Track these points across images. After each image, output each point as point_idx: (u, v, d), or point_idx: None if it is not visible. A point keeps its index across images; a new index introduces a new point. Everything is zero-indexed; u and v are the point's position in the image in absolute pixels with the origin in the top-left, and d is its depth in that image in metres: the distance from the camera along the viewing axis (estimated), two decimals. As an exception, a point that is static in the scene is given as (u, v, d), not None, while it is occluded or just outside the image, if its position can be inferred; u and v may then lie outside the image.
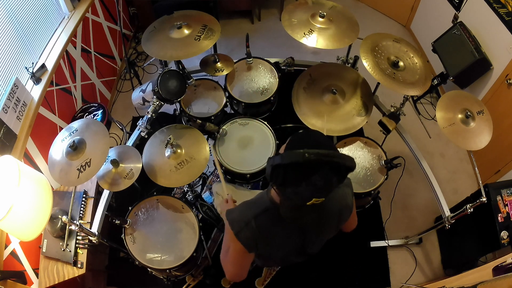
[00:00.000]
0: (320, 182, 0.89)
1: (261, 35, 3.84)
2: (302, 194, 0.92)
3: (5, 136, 1.81)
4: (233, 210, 1.19)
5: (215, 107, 2.29)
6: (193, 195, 2.28)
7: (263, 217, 1.10)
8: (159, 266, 1.82)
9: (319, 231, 1.19)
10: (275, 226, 1.12)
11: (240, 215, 1.14)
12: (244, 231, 1.10)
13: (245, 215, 1.13)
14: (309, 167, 0.88)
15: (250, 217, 1.11)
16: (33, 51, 2.27)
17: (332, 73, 2.25)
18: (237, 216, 1.15)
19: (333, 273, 2.41)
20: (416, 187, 2.80)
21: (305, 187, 0.90)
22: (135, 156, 1.85)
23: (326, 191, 0.93)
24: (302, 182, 0.90)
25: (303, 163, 0.87)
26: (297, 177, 0.90)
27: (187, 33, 2.05)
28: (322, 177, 0.88)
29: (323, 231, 1.21)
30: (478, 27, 2.63)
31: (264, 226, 1.11)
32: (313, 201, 0.93)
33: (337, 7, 2.20)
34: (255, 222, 1.10)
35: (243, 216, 1.13)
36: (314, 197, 0.92)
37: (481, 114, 1.87)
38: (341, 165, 0.90)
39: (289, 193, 0.95)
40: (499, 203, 1.99)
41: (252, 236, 1.11)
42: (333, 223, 1.20)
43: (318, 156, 0.86)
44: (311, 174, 0.88)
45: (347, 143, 2.19)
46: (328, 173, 0.89)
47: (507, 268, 1.58)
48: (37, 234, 1.38)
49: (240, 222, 1.12)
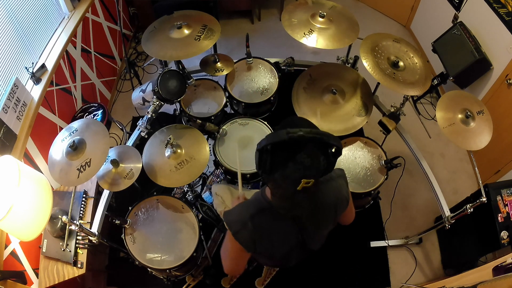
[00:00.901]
0: (307, 160, 0.90)
1: (261, 35, 3.84)
2: (290, 176, 0.92)
3: (5, 136, 1.81)
4: (230, 211, 1.21)
5: (215, 107, 2.29)
6: (193, 195, 2.28)
7: (259, 217, 1.12)
8: (159, 266, 1.82)
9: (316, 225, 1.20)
10: (272, 225, 1.13)
11: (237, 216, 1.16)
12: (242, 231, 1.12)
13: (241, 216, 1.14)
14: (293, 145, 0.90)
15: (247, 217, 1.12)
16: (33, 51, 2.27)
17: (332, 73, 2.25)
18: (234, 217, 1.16)
19: (333, 273, 2.41)
20: (416, 187, 2.80)
21: (293, 167, 0.90)
22: (135, 156, 1.85)
23: (314, 170, 0.92)
24: (288, 162, 0.91)
25: (287, 140, 0.88)
26: (283, 158, 0.91)
27: (187, 33, 2.05)
28: (308, 154, 0.90)
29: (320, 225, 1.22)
30: (478, 27, 2.63)
31: (261, 225, 1.12)
32: (303, 184, 0.92)
33: (337, 7, 2.20)
34: (251, 223, 1.11)
35: (240, 217, 1.14)
36: (303, 177, 0.91)
37: (481, 114, 1.87)
38: (325, 142, 0.92)
39: (278, 179, 0.95)
40: (499, 203, 1.99)
41: (250, 236, 1.12)
42: (330, 216, 1.21)
43: (301, 133, 0.88)
44: (296, 152, 0.90)
45: (347, 143, 2.19)
46: (313, 150, 0.91)
47: (507, 268, 1.58)
48: (37, 234, 1.38)
49: (237, 223, 1.13)
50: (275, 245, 1.17)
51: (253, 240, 1.13)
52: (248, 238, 1.12)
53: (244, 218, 1.12)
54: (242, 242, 1.13)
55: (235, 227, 1.13)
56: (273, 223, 1.13)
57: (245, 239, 1.12)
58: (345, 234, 2.18)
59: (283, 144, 0.91)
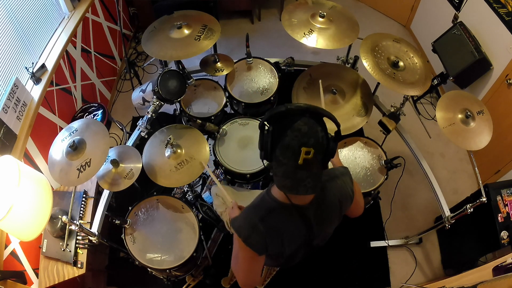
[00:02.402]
0: (304, 127, 0.94)
1: (261, 35, 3.84)
2: (290, 146, 0.94)
3: (5, 136, 1.81)
4: (237, 218, 1.18)
5: (215, 107, 2.29)
6: (193, 195, 2.28)
7: (268, 218, 1.10)
8: (159, 266, 1.82)
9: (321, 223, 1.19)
10: (282, 224, 1.12)
11: (246, 221, 1.14)
12: (253, 235, 1.10)
13: (250, 219, 1.12)
14: (290, 115, 0.97)
15: (256, 220, 1.10)
16: (33, 51, 2.27)
17: (332, 73, 2.25)
18: (242, 223, 1.14)
19: (333, 273, 2.41)
20: (416, 187, 2.80)
21: (291, 134, 0.94)
22: (135, 156, 1.85)
23: (312, 138, 0.94)
24: (287, 130, 0.95)
25: (285, 111, 0.96)
26: (282, 128, 0.96)
27: (187, 33, 2.05)
28: (304, 122, 0.95)
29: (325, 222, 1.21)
30: (478, 27, 2.63)
31: (271, 226, 1.11)
32: (303, 155, 0.93)
33: (337, 7, 2.20)
34: (262, 225, 1.09)
35: (249, 221, 1.12)
36: (302, 144, 0.93)
37: (481, 114, 1.87)
38: (320, 113, 0.98)
39: (279, 154, 0.97)
40: (499, 203, 1.99)
41: (261, 239, 1.10)
42: (335, 213, 1.21)
43: (298, 104, 0.97)
44: (294, 121, 0.95)
45: (347, 143, 2.19)
46: (310, 120, 0.96)
47: (507, 268, 1.58)
48: (37, 234, 1.38)
49: (247, 228, 1.11)
50: (285, 244, 1.16)
51: (264, 242, 1.11)
52: (260, 241, 1.10)
53: (253, 221, 1.10)
54: (254, 246, 1.10)
55: (244, 232, 1.11)
56: (283, 222, 1.12)
57: (257, 242, 1.10)
58: (345, 234, 2.18)
59: (282, 115, 0.97)
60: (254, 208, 1.17)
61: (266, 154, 1.01)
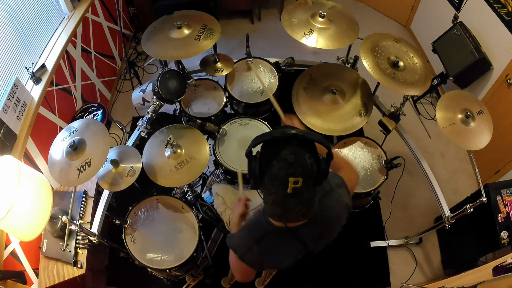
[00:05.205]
0: (290, 156, 0.90)
1: (261, 35, 3.84)
2: (277, 176, 0.91)
3: (5, 136, 1.81)
4: (233, 236, 1.20)
5: (215, 107, 2.29)
6: (193, 195, 2.28)
7: (264, 241, 1.10)
8: (159, 266, 1.82)
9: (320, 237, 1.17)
10: (278, 247, 1.12)
11: (241, 241, 1.14)
12: (248, 255, 1.11)
13: (246, 241, 1.13)
14: (277, 144, 0.92)
15: (251, 242, 1.10)
16: (33, 51, 2.27)
17: (332, 73, 2.25)
18: (238, 243, 1.15)
19: (333, 273, 2.41)
20: (416, 187, 2.80)
21: (277, 164, 0.90)
22: (135, 156, 1.85)
23: (299, 167, 0.90)
24: (273, 160, 0.91)
25: (270, 139, 0.93)
26: (268, 157, 0.92)
27: (187, 33, 2.05)
28: (291, 151, 0.90)
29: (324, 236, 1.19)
30: (478, 27, 2.63)
31: (266, 250, 1.11)
32: (291, 184, 0.90)
33: (337, 7, 2.20)
34: (257, 247, 1.10)
35: (244, 242, 1.13)
36: (289, 175, 0.90)
37: (481, 114, 1.87)
38: (308, 139, 0.92)
39: (267, 183, 0.94)
40: (499, 203, 1.99)
41: (256, 259, 1.12)
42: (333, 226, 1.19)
43: (284, 131, 0.92)
44: (280, 150, 0.91)
45: (347, 143, 2.19)
46: (297, 148, 0.91)
47: (507, 268, 1.58)
48: (37, 234, 1.38)
49: (242, 248, 1.12)
50: (281, 262, 1.17)
51: (259, 261, 1.13)
52: (255, 260, 1.12)
53: (249, 242, 1.11)
54: (249, 263, 1.12)
55: (240, 251, 1.12)
56: (278, 245, 1.11)
57: (252, 261, 1.12)
58: (345, 234, 2.17)
59: (268, 144, 0.93)
60: (250, 229, 1.17)
61: (255, 182, 0.98)
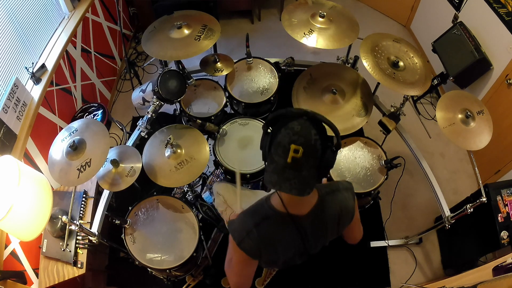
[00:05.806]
0: (297, 127, 0.96)
1: (261, 35, 3.84)
2: (281, 143, 0.96)
3: (5, 136, 1.81)
4: (233, 220, 1.19)
5: (215, 107, 2.29)
6: (193, 195, 2.28)
7: (264, 225, 1.11)
8: (159, 266, 1.82)
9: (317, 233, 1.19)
10: (277, 233, 1.12)
11: (241, 225, 1.14)
12: (246, 240, 1.10)
13: (246, 224, 1.13)
14: (289, 116, 1.00)
15: (251, 225, 1.11)
16: (33, 51, 2.27)
17: (332, 73, 2.25)
18: (238, 226, 1.15)
19: (333, 273, 2.41)
20: (416, 187, 2.80)
21: (283, 132, 0.97)
22: (135, 156, 1.85)
23: (303, 137, 0.94)
24: (281, 129, 0.98)
25: (285, 113, 1.00)
26: (278, 127, 0.99)
27: (187, 33, 2.05)
28: (299, 123, 0.97)
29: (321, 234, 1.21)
30: (478, 27, 2.63)
31: (266, 234, 1.11)
32: (291, 153, 0.94)
33: (337, 7, 2.20)
34: (256, 231, 1.10)
35: (244, 225, 1.13)
36: (291, 142, 0.94)
37: (481, 114, 1.87)
38: (318, 118, 0.99)
39: (273, 152, 0.99)
40: (499, 203, 1.99)
41: (255, 244, 1.11)
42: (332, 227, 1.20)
43: (298, 108, 1.00)
44: (289, 121, 0.98)
45: (347, 143, 2.19)
46: (306, 122, 0.97)
47: (507, 268, 1.58)
48: (37, 234, 1.38)
49: (242, 232, 1.12)
50: (279, 252, 1.16)
51: (258, 247, 1.12)
52: (254, 246, 1.11)
53: (248, 226, 1.11)
54: (248, 250, 1.11)
55: (239, 236, 1.12)
56: (278, 231, 1.12)
57: (251, 247, 1.11)
58: (345, 234, 2.18)
59: (281, 117, 1.00)
60: (250, 213, 1.17)
61: (264, 154, 1.04)
